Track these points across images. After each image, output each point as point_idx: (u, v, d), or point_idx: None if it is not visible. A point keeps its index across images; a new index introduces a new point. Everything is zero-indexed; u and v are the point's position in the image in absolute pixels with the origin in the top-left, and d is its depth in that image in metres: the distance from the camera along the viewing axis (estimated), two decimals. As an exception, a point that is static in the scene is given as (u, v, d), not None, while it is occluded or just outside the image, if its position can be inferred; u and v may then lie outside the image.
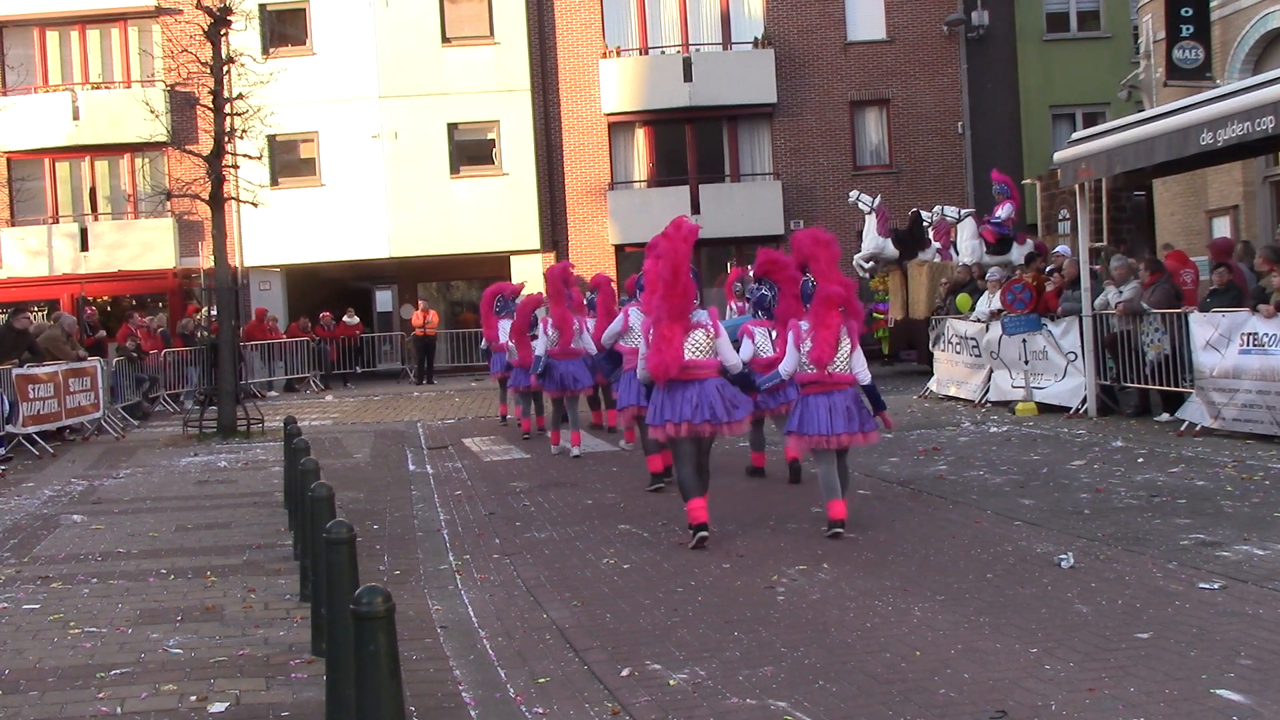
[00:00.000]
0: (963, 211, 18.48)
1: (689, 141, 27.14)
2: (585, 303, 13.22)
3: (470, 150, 26.94)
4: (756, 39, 26.85)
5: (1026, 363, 13.81)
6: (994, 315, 14.36)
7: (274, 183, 25.03)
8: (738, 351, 8.22)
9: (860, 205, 19.12)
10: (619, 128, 27.01)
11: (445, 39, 26.45)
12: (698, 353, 7.55)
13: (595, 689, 4.94)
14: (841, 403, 7.57)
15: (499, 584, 6.91)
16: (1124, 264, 12.88)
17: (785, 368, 7.85)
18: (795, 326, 7.80)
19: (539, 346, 12.33)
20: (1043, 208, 20.27)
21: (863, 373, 7.71)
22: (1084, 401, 12.94)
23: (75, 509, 9.96)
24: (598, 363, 11.71)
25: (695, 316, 7.59)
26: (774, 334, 9.23)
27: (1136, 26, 22.27)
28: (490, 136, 26.76)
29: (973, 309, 15.20)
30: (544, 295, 14.07)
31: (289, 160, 26.56)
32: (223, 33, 15.85)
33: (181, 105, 22.75)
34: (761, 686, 4.81)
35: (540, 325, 12.65)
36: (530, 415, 14.13)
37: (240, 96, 16.12)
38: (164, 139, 21.10)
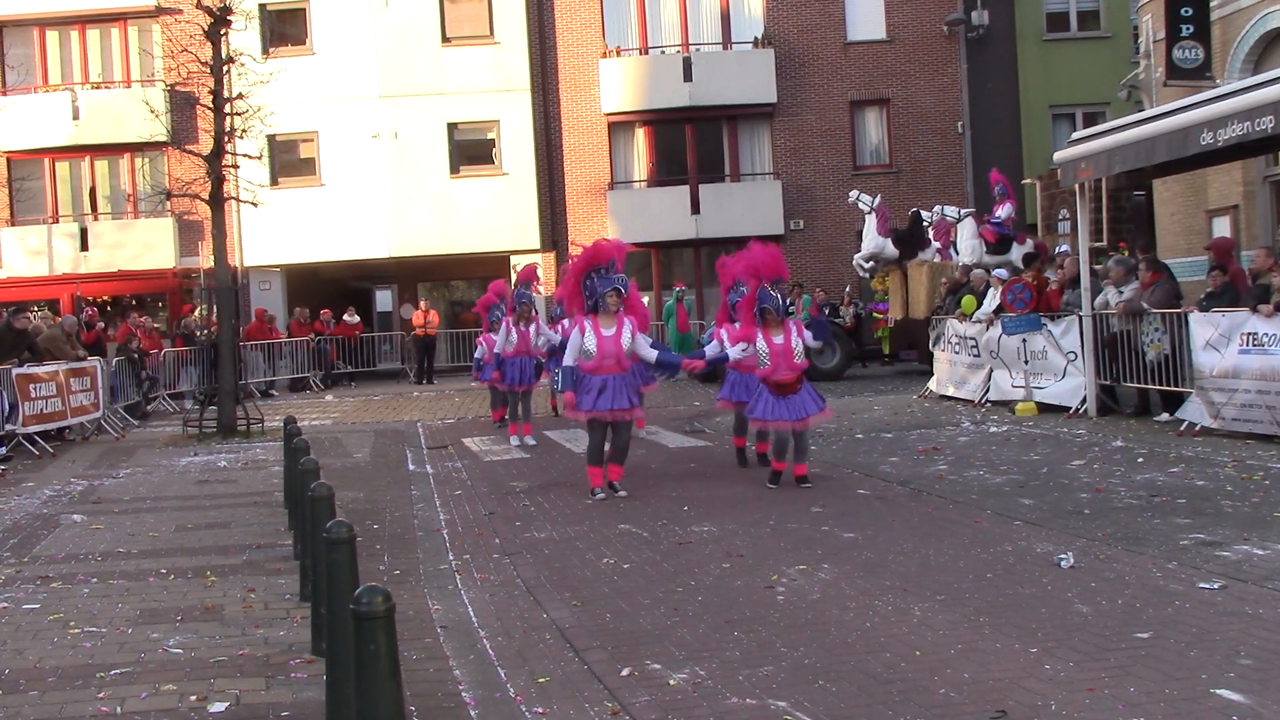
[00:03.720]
0: (962, 211, 18.49)
1: (689, 141, 27.14)
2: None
3: (470, 150, 26.94)
4: (756, 39, 26.85)
5: (1026, 362, 13.81)
6: (994, 315, 14.37)
7: (274, 182, 25.06)
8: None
9: (860, 205, 19.13)
10: (619, 127, 27.01)
11: (445, 39, 26.45)
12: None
13: (595, 689, 4.94)
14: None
15: (499, 584, 6.91)
16: (1123, 265, 12.90)
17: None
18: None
19: (497, 344, 13.53)
20: (1043, 207, 20.27)
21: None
22: (1084, 401, 12.94)
23: (75, 509, 9.96)
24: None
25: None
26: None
27: (1136, 26, 22.27)
28: (490, 136, 26.76)
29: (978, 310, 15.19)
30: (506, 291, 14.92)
31: (289, 160, 26.57)
32: (223, 32, 15.86)
33: (181, 105, 22.76)
34: (761, 686, 4.81)
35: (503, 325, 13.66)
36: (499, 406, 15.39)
37: (240, 96, 16.13)
38: (164, 139, 21.12)
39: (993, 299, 14.83)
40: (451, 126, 26.46)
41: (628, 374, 9.48)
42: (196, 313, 22.67)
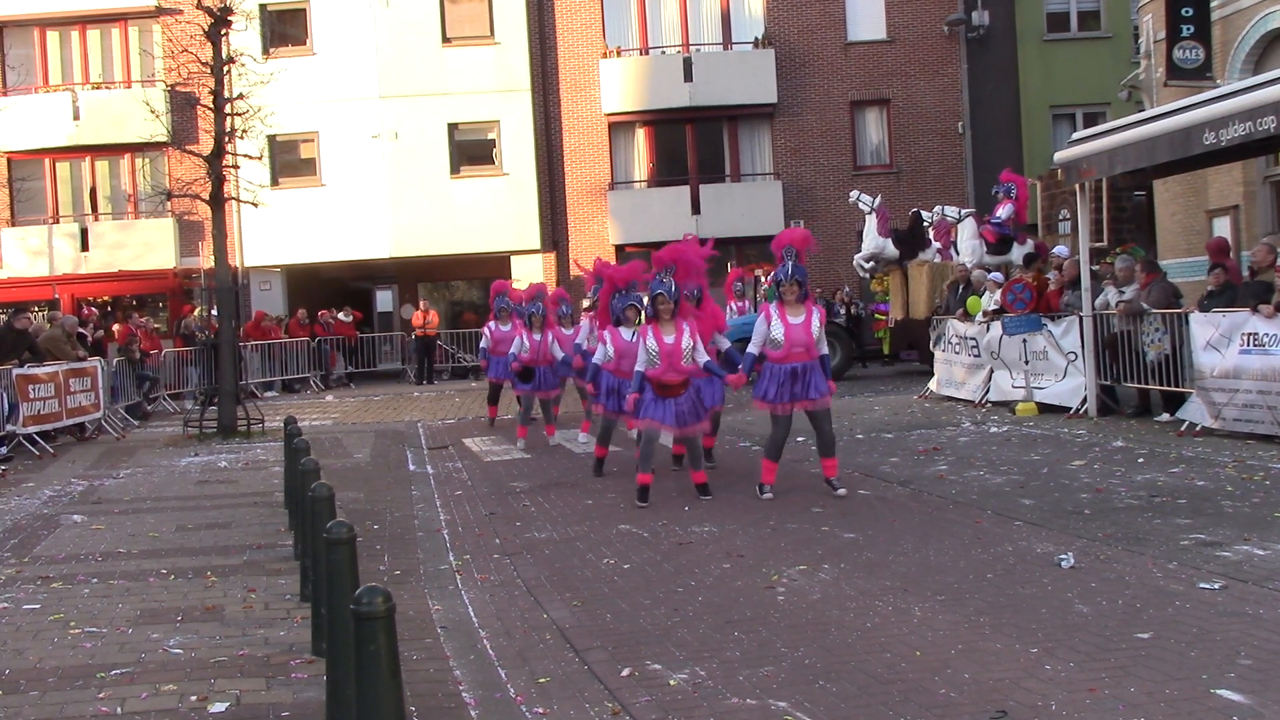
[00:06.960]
0: (963, 211, 18.47)
1: (689, 141, 27.16)
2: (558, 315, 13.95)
3: (470, 150, 26.96)
4: (757, 39, 26.87)
5: (1027, 363, 13.80)
6: (994, 315, 14.36)
7: (274, 183, 25.08)
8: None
9: (860, 205, 19.11)
10: (619, 128, 27.02)
11: (445, 39, 26.48)
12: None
13: (595, 689, 4.93)
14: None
15: (499, 584, 6.91)
16: (1127, 265, 12.91)
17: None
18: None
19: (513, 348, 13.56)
20: (1043, 208, 20.27)
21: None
22: (1084, 402, 12.93)
23: (75, 509, 9.96)
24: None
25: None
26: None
27: (1137, 26, 22.27)
28: (490, 136, 26.78)
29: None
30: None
31: (289, 160, 26.59)
32: (223, 33, 15.86)
33: (182, 105, 22.79)
34: (762, 686, 4.81)
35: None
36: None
37: (240, 96, 16.13)
38: (164, 139, 21.16)
39: (990, 299, 14.84)
40: (452, 127, 26.49)
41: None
42: (196, 313, 22.68)
